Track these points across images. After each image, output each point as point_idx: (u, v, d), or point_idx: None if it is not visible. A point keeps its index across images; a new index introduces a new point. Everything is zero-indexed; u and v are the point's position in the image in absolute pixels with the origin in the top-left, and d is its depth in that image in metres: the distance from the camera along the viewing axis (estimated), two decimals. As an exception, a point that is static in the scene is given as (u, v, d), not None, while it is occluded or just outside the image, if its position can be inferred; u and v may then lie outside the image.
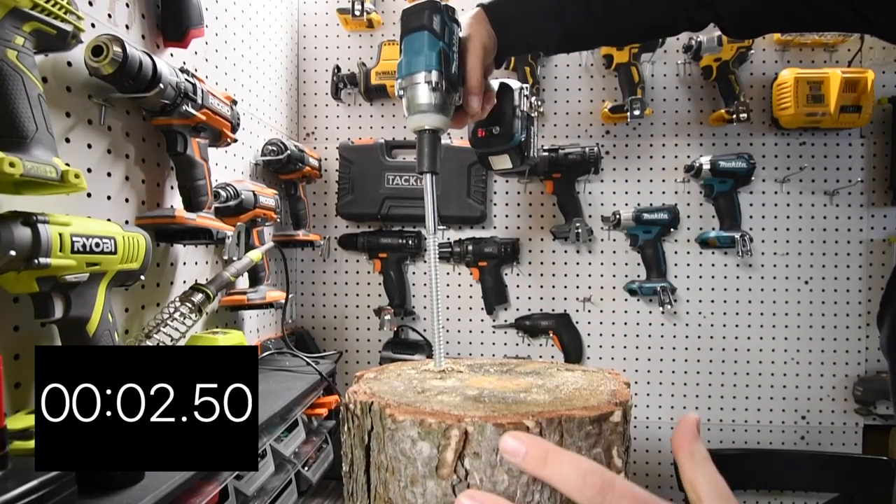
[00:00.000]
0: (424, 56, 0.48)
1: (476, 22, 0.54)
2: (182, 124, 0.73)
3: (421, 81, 0.48)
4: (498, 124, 0.58)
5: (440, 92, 0.48)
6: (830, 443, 1.28)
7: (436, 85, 0.48)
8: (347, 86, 1.33)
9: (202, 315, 0.73)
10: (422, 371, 0.52)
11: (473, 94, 0.53)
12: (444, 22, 0.49)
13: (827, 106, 1.18)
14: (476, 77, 0.52)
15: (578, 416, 0.36)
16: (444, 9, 0.49)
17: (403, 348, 1.31)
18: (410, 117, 0.50)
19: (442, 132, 0.50)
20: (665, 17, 0.58)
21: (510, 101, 0.58)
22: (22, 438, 0.47)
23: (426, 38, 0.48)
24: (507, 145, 0.59)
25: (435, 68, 0.48)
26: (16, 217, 0.46)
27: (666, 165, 1.32)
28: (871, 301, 1.26)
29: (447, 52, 0.49)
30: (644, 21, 0.59)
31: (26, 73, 0.48)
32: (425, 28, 0.48)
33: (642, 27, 0.60)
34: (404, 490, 0.36)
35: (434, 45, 0.48)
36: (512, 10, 0.56)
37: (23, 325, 0.56)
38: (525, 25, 0.57)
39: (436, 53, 0.48)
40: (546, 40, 0.58)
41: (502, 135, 0.58)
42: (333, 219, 1.38)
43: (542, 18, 0.57)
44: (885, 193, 1.26)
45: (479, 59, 0.52)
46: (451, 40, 0.50)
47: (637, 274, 1.31)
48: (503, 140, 0.59)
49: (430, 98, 0.48)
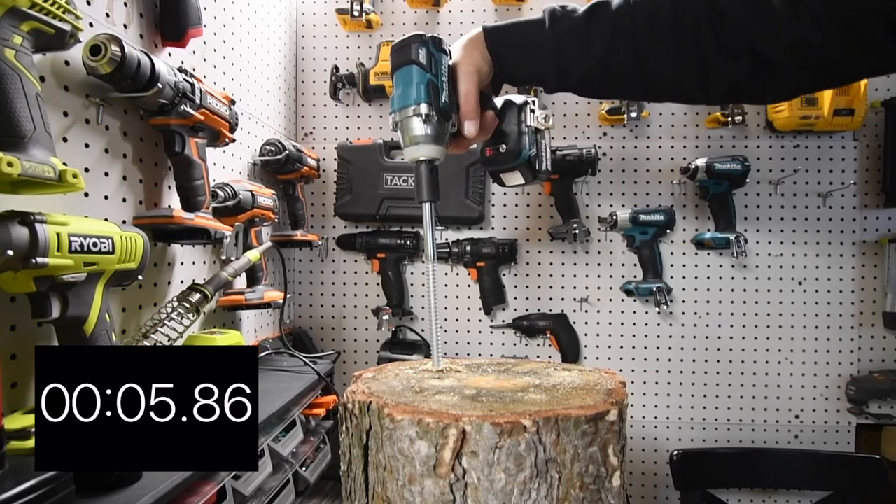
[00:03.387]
0: (414, 89, 0.50)
1: (472, 45, 0.54)
2: (180, 124, 0.73)
3: (412, 114, 0.50)
4: (504, 142, 0.58)
5: (432, 123, 0.50)
6: (824, 441, 1.29)
7: (426, 117, 0.49)
8: (346, 86, 1.33)
9: (200, 315, 0.73)
10: (420, 371, 0.52)
11: (468, 118, 0.52)
12: (430, 54, 0.50)
13: (820, 109, 1.19)
14: (469, 102, 0.52)
15: (575, 415, 0.37)
16: (429, 41, 0.51)
17: (401, 348, 1.31)
18: (406, 149, 0.52)
19: (438, 161, 0.52)
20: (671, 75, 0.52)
21: (515, 118, 0.57)
22: (19, 438, 0.47)
23: (414, 72, 0.50)
24: (515, 162, 0.58)
25: (424, 101, 0.49)
26: (13, 217, 0.46)
27: (662, 167, 1.33)
28: (864, 302, 1.28)
29: (435, 83, 0.50)
30: (649, 72, 0.53)
31: (24, 73, 0.48)
32: (412, 62, 0.50)
33: (646, 80, 0.54)
34: (402, 489, 0.37)
35: (422, 77, 0.50)
36: (508, 37, 0.54)
37: (20, 324, 0.56)
38: (520, 55, 0.55)
39: (424, 86, 0.50)
40: (541, 74, 0.55)
41: (509, 152, 0.58)
42: (332, 219, 1.38)
43: (537, 50, 0.54)
44: (878, 196, 1.27)
45: (472, 83, 0.52)
46: (438, 71, 0.51)
47: (633, 275, 1.32)
48: (511, 157, 0.58)
49: (422, 130, 0.50)
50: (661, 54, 0.52)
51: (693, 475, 1.18)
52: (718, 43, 0.50)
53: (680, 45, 0.51)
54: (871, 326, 1.27)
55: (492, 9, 1.35)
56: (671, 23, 0.51)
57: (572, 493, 0.36)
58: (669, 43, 0.52)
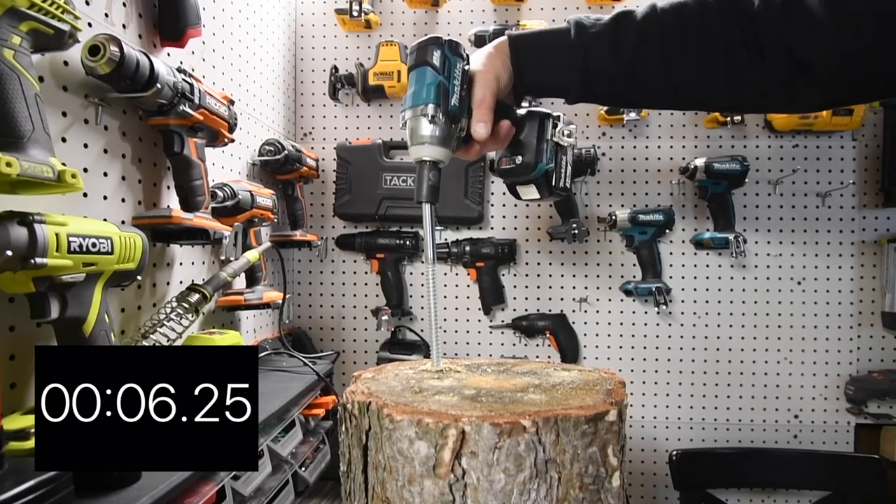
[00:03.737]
0: (424, 90, 0.50)
1: (495, 53, 0.54)
2: (179, 124, 0.73)
3: (419, 114, 0.50)
4: (520, 154, 0.56)
5: (438, 125, 0.50)
6: (823, 441, 1.29)
7: (432, 118, 0.49)
8: (345, 86, 1.33)
9: (199, 315, 0.73)
10: (419, 371, 0.52)
11: (480, 120, 0.52)
12: (444, 56, 0.51)
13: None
14: (483, 107, 0.52)
15: (574, 415, 0.37)
16: (445, 44, 0.51)
17: (401, 348, 1.31)
18: (411, 148, 0.52)
19: (442, 164, 0.52)
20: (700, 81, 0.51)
21: (534, 130, 0.56)
22: (18, 439, 0.47)
23: (427, 73, 0.50)
24: (529, 175, 0.57)
25: (432, 102, 0.50)
26: (12, 217, 0.46)
27: (661, 167, 1.33)
28: (863, 301, 1.28)
29: (446, 85, 0.50)
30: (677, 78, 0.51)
31: (23, 73, 0.48)
32: (426, 63, 0.51)
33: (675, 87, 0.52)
34: (402, 489, 0.37)
35: (434, 79, 0.50)
36: (533, 43, 0.54)
37: (19, 325, 0.56)
38: (544, 61, 0.54)
39: (434, 87, 0.50)
40: (566, 80, 0.54)
41: (524, 164, 0.56)
42: (331, 219, 1.38)
43: (563, 56, 0.53)
44: (877, 195, 1.28)
45: (489, 90, 0.52)
46: (451, 74, 0.51)
47: (633, 275, 1.32)
48: (526, 170, 0.56)
49: (428, 130, 0.50)
50: (690, 59, 0.51)
51: (692, 475, 1.18)
52: (750, 48, 0.49)
53: (709, 51, 0.50)
54: (870, 326, 1.28)
55: (490, 9, 1.35)
56: (700, 28, 0.50)
57: (572, 494, 0.36)
58: (698, 48, 0.51)
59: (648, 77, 0.53)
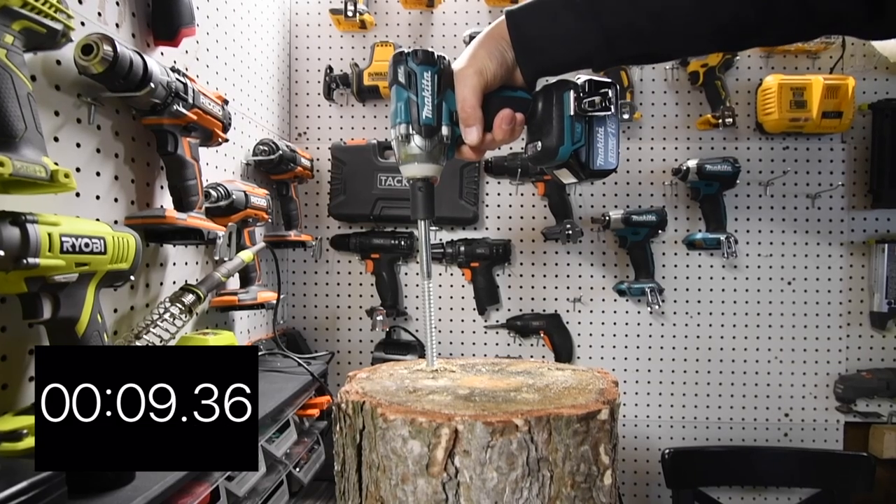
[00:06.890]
0: (395, 109, 0.49)
1: (485, 39, 0.49)
2: (173, 124, 0.72)
3: (394, 135, 0.49)
4: (539, 138, 0.50)
5: (415, 142, 0.48)
6: (812, 439, 1.31)
7: (406, 137, 0.48)
8: (340, 86, 1.33)
9: (192, 316, 0.73)
10: (414, 371, 0.52)
11: (467, 125, 0.48)
12: (408, 71, 0.48)
13: (809, 111, 1.21)
14: (465, 108, 0.48)
15: (567, 414, 0.37)
16: (407, 57, 0.48)
17: (395, 349, 1.31)
18: (399, 167, 0.51)
19: (433, 178, 0.51)
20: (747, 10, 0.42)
21: (550, 108, 0.48)
22: (10, 440, 0.46)
23: (394, 92, 0.49)
24: (553, 161, 0.50)
25: (403, 121, 0.48)
26: (4, 217, 0.46)
27: (654, 168, 1.34)
28: (852, 301, 1.30)
29: (414, 99, 0.48)
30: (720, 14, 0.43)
31: (15, 72, 0.47)
32: (394, 82, 0.49)
33: (714, 24, 0.43)
34: (395, 488, 0.37)
35: (401, 96, 0.49)
36: (536, 16, 0.47)
37: (10, 326, 0.55)
38: (552, 34, 0.47)
39: (404, 104, 0.48)
40: (583, 48, 0.47)
41: (545, 150, 0.49)
42: (325, 219, 1.37)
43: (572, 19, 0.46)
44: (865, 197, 1.29)
45: (469, 87, 0.48)
46: (418, 86, 0.48)
47: (626, 275, 1.33)
48: (548, 156, 0.49)
49: (408, 149, 0.49)
50: None
51: (684, 473, 1.19)
52: None
53: None
54: (858, 326, 1.29)
55: (485, 10, 1.35)
56: None
57: (564, 492, 0.37)
58: None
59: (686, 20, 0.44)
